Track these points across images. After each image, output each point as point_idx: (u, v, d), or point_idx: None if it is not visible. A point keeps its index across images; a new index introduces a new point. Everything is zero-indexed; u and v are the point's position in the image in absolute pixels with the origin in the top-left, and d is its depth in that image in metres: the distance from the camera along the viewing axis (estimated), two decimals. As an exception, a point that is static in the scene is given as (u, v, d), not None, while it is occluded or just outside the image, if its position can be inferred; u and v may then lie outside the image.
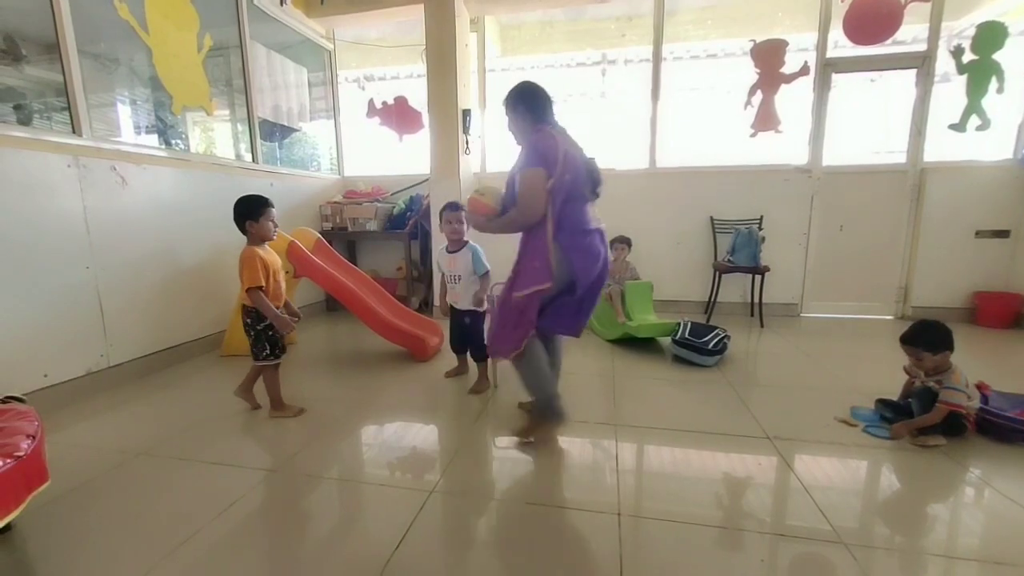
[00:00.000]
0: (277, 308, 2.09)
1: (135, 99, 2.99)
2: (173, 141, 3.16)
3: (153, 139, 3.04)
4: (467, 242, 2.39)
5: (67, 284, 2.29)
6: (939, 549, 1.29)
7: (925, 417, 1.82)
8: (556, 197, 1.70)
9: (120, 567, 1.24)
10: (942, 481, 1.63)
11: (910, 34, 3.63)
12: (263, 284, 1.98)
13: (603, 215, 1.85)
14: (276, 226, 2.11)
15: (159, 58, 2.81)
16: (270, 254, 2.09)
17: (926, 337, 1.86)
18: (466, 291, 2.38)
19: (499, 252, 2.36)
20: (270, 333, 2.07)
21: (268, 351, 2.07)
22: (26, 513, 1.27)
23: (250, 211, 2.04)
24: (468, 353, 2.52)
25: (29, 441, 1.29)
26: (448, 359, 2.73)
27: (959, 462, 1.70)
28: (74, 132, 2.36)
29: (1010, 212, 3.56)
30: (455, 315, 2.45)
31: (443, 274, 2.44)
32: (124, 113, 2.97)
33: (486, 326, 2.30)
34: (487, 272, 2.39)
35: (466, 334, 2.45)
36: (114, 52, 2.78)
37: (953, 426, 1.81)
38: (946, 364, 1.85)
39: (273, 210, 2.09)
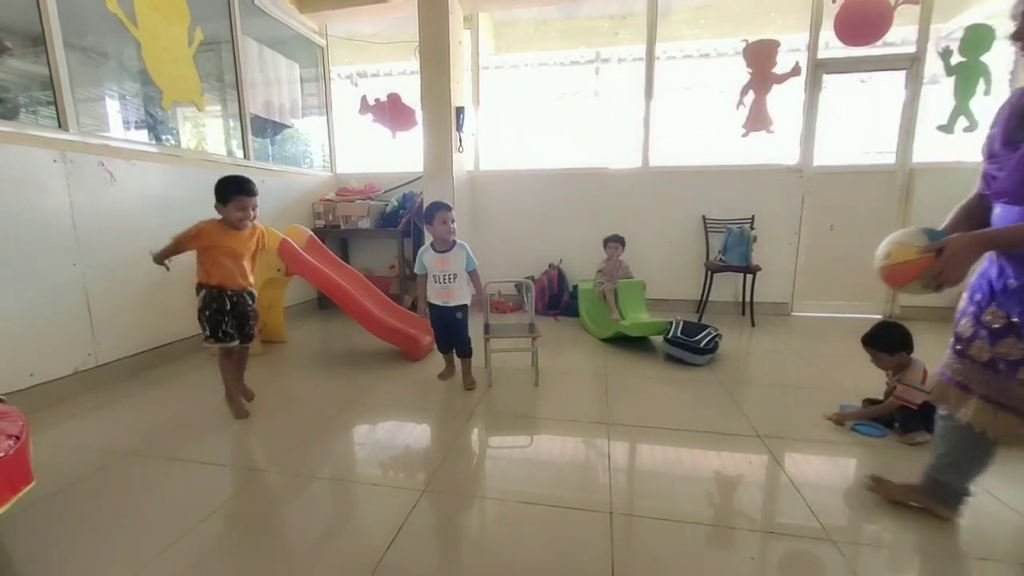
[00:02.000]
0: (233, 289, 2.01)
1: (124, 93, 2.94)
2: (163, 137, 3.12)
3: (142, 134, 3.00)
4: (456, 240, 2.40)
5: (53, 281, 2.25)
6: (927, 546, 1.30)
7: (875, 408, 1.95)
8: None
9: (108, 569, 1.23)
10: (929, 478, 1.65)
11: (900, 36, 3.66)
12: (183, 250, 1.94)
13: (596, 214, 1.81)
14: (248, 216, 1.97)
15: (149, 52, 2.77)
16: (233, 236, 1.98)
17: (880, 339, 1.95)
18: (461, 288, 2.39)
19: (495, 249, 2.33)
20: (207, 313, 1.98)
21: (208, 333, 1.99)
22: (10, 515, 1.24)
23: (219, 194, 1.95)
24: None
25: (12, 441, 1.27)
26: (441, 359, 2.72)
27: (945, 460, 1.73)
28: (60, 126, 2.32)
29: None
30: (445, 312, 2.42)
31: (427, 275, 2.40)
32: (112, 107, 2.92)
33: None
34: (476, 268, 2.42)
35: (455, 330, 2.44)
36: (102, 45, 2.73)
37: (932, 421, 1.84)
38: (905, 363, 1.91)
39: (248, 199, 1.95)
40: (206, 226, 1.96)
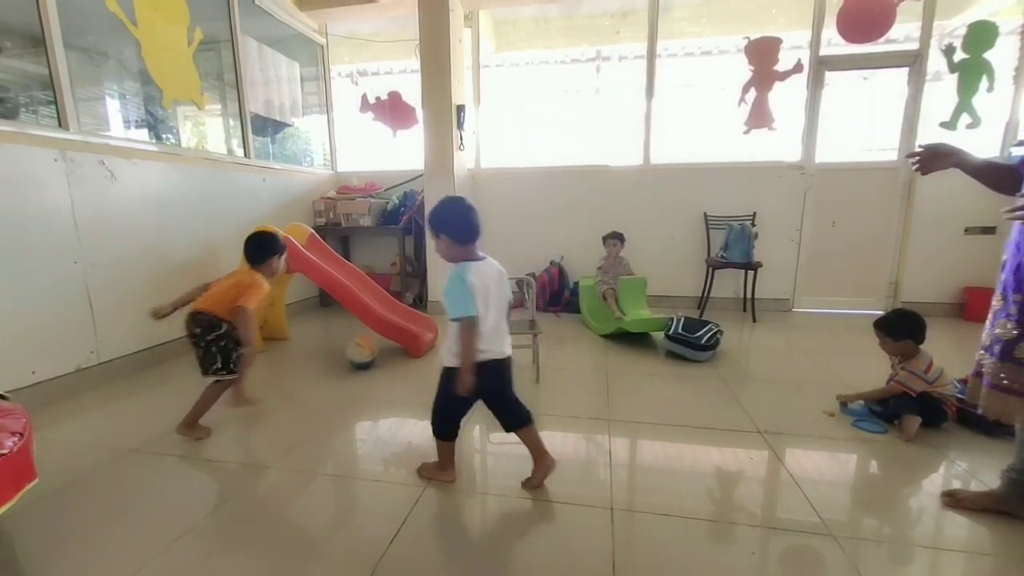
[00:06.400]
0: None
1: (124, 93, 2.95)
2: (164, 135, 3.12)
3: (143, 133, 3.00)
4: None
5: (55, 280, 2.26)
6: (926, 541, 1.31)
7: (877, 390, 1.98)
8: None
9: (111, 565, 1.24)
10: (929, 474, 1.65)
11: (902, 33, 3.65)
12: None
13: (597, 211, 1.80)
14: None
15: (148, 51, 2.77)
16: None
17: (889, 324, 1.97)
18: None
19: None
20: (224, 343, 1.86)
21: (220, 364, 1.87)
22: (13, 511, 1.25)
23: (280, 248, 2.10)
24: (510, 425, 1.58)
25: (15, 439, 1.27)
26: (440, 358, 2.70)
27: (946, 455, 1.73)
28: (60, 126, 2.32)
29: (997, 209, 3.58)
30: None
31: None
32: (113, 107, 2.93)
33: None
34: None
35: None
36: (102, 45, 2.73)
37: (934, 414, 1.87)
38: (912, 352, 1.93)
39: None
40: (261, 280, 2.00)
